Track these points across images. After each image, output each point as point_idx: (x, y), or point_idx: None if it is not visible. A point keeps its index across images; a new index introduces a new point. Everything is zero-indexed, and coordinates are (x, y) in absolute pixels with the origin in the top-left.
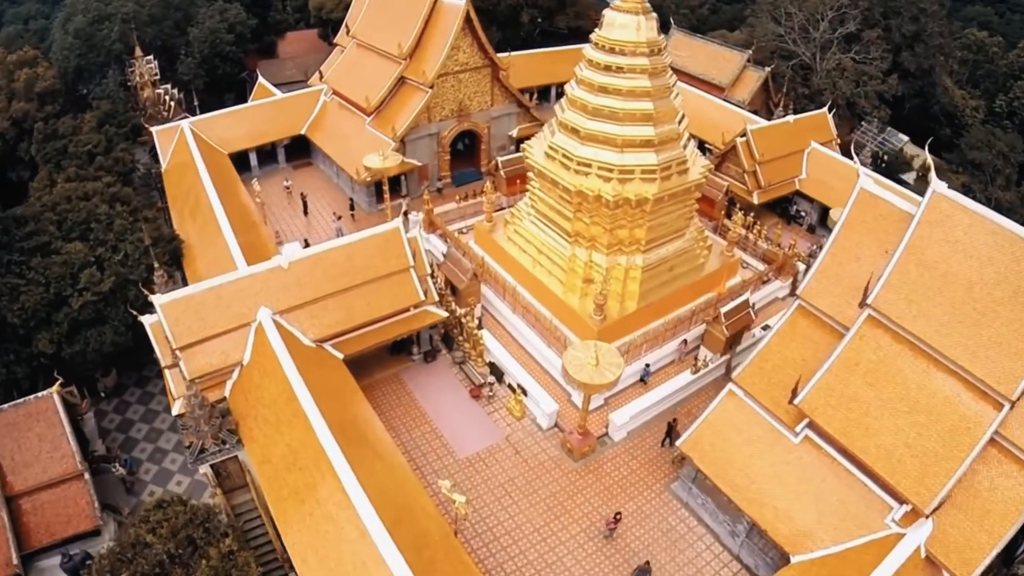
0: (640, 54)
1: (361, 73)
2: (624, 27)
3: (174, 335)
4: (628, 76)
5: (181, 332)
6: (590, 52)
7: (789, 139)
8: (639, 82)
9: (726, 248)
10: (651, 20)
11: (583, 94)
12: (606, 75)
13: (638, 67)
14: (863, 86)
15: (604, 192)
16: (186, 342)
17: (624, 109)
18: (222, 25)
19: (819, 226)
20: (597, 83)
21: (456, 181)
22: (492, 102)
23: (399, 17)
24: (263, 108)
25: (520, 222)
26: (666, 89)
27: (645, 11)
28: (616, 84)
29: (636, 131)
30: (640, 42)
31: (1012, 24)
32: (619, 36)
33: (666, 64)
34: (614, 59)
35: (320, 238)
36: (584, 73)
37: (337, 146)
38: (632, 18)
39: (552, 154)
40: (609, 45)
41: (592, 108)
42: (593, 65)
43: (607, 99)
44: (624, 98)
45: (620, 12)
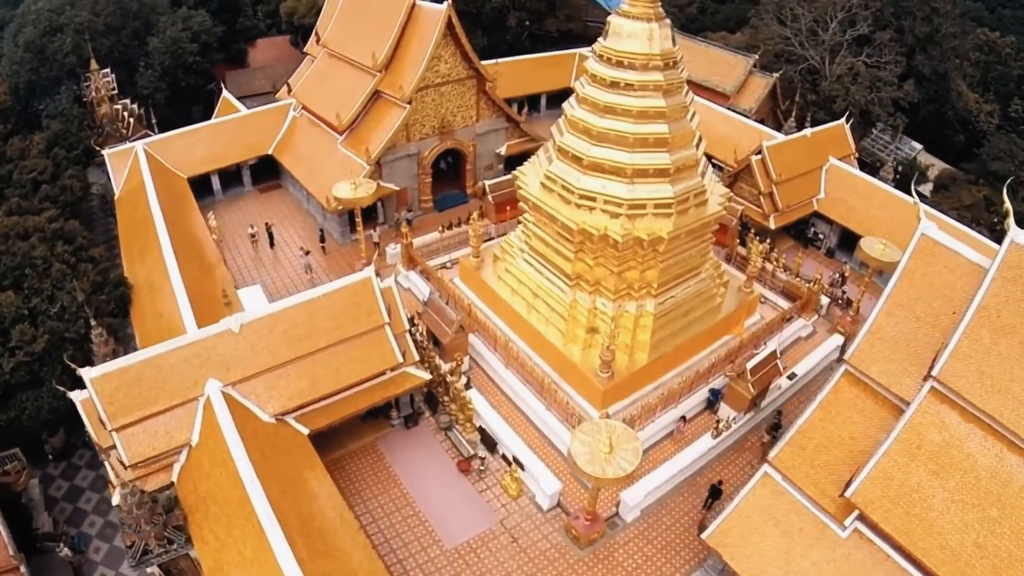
0: (653, 68)
1: (332, 86)
2: (634, 37)
3: (109, 414)
4: (639, 94)
5: (117, 411)
6: (594, 66)
7: (806, 155)
8: (652, 101)
9: (744, 284)
10: (665, 27)
11: (585, 115)
12: (613, 93)
13: (651, 84)
14: (877, 92)
15: (612, 231)
16: (123, 422)
17: (635, 133)
18: (185, 34)
19: (838, 249)
20: (602, 103)
21: (439, 205)
22: (478, 117)
23: (373, 24)
24: (226, 126)
25: (512, 259)
26: (683, 109)
27: (658, 17)
28: (625, 104)
29: (649, 158)
30: (653, 54)
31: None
32: (628, 47)
33: (683, 80)
34: (622, 74)
35: (287, 274)
36: (587, 91)
37: (306, 169)
38: (643, 26)
39: (549, 185)
40: (616, 58)
41: (597, 132)
42: (597, 81)
43: (614, 121)
44: (635, 120)
45: (628, 19)
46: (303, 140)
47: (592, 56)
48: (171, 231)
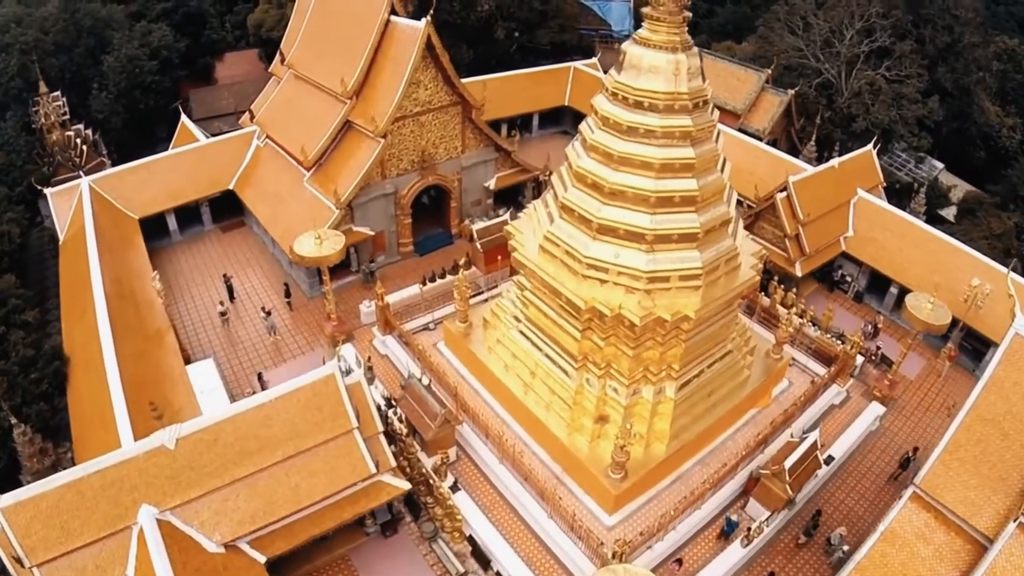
0: (680, 110)
1: (298, 114)
2: (655, 71)
3: (26, 549)
4: (662, 143)
5: (35, 544)
6: (605, 106)
7: (834, 188)
8: (678, 151)
9: (772, 349)
10: (693, 58)
11: (595, 166)
12: (630, 141)
13: (677, 130)
14: (900, 110)
15: (628, 311)
16: (44, 558)
17: (657, 191)
18: (142, 51)
19: (867, 293)
20: (617, 153)
21: (420, 248)
22: (463, 148)
23: (342, 44)
24: (183, 158)
25: (505, 328)
26: (713, 158)
27: (685, 45)
28: (645, 154)
29: (673, 221)
30: (679, 93)
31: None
32: (649, 85)
33: (714, 122)
34: (642, 118)
35: (249, 336)
36: (597, 137)
37: (269, 209)
38: (667, 57)
39: (550, 249)
40: (634, 97)
41: (609, 188)
42: (610, 126)
43: (632, 175)
44: (657, 174)
45: (649, 48)
46: (267, 174)
47: (603, 93)
48: (110, 292)
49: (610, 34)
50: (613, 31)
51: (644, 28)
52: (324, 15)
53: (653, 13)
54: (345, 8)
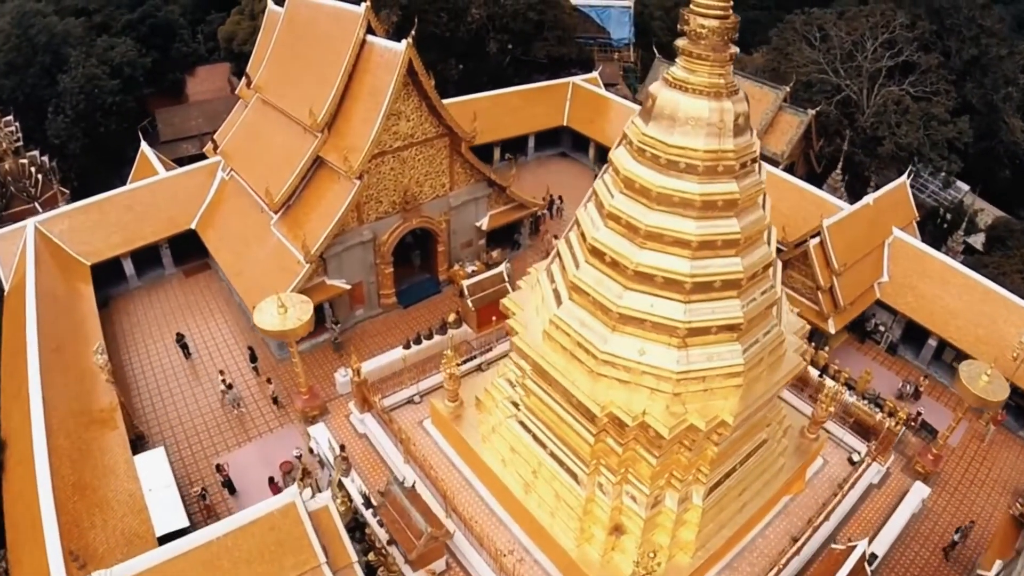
0: (724, 173)
1: (264, 147)
2: (695, 123)
3: None
4: (702, 214)
5: None
6: (628, 165)
7: (869, 229)
8: (721, 225)
9: (808, 429)
10: (740, 103)
11: (616, 241)
12: (661, 211)
13: (720, 198)
14: (928, 131)
15: (654, 419)
16: None
17: (694, 275)
18: (102, 69)
19: (902, 344)
20: (644, 226)
21: (405, 298)
22: (451, 185)
23: (311, 67)
24: (140, 195)
25: (502, 414)
26: (760, 229)
27: (730, 89)
28: (680, 230)
29: (712, 311)
30: (724, 151)
31: None
32: (686, 141)
33: (762, 184)
34: (677, 183)
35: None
36: (618, 203)
37: (234, 256)
38: (709, 105)
39: (558, 338)
40: (667, 156)
41: (634, 271)
42: (635, 191)
43: (662, 255)
44: (694, 253)
45: (686, 93)
46: (231, 214)
47: (625, 147)
48: (49, 363)
49: (609, 42)
50: (612, 39)
51: (679, 67)
52: (292, 33)
53: (691, 48)
54: (315, 27)
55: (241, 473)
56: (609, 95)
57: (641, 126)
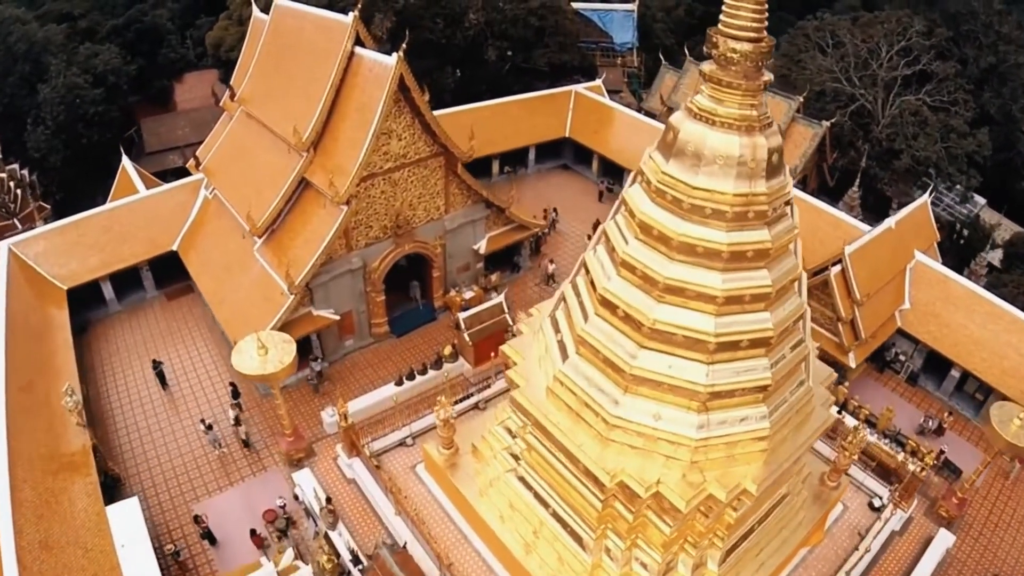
0: (756, 219)
1: (248, 165)
2: (723, 162)
3: None
4: (730, 266)
5: None
6: (645, 208)
7: (891, 254)
8: (750, 279)
9: (829, 476)
10: (774, 137)
11: (631, 293)
12: (683, 264)
13: (750, 248)
14: (947, 142)
15: (670, 491)
16: None
17: (720, 335)
18: (84, 78)
19: (923, 374)
20: (663, 278)
21: (397, 327)
22: (447, 207)
23: (296, 80)
24: (119, 214)
25: (500, 467)
26: (792, 279)
27: (763, 122)
28: (704, 284)
29: (737, 372)
30: (756, 195)
31: None
32: (713, 183)
33: (795, 230)
34: (701, 231)
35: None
36: (633, 251)
37: (216, 282)
38: (739, 141)
39: (563, 396)
40: (690, 200)
41: (650, 328)
42: (654, 238)
43: (683, 310)
44: (719, 309)
45: (714, 126)
46: (214, 237)
47: (642, 186)
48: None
49: (612, 47)
50: (615, 44)
51: (705, 95)
52: (277, 43)
53: (719, 75)
54: (301, 37)
55: (222, 521)
56: (613, 104)
57: (660, 163)
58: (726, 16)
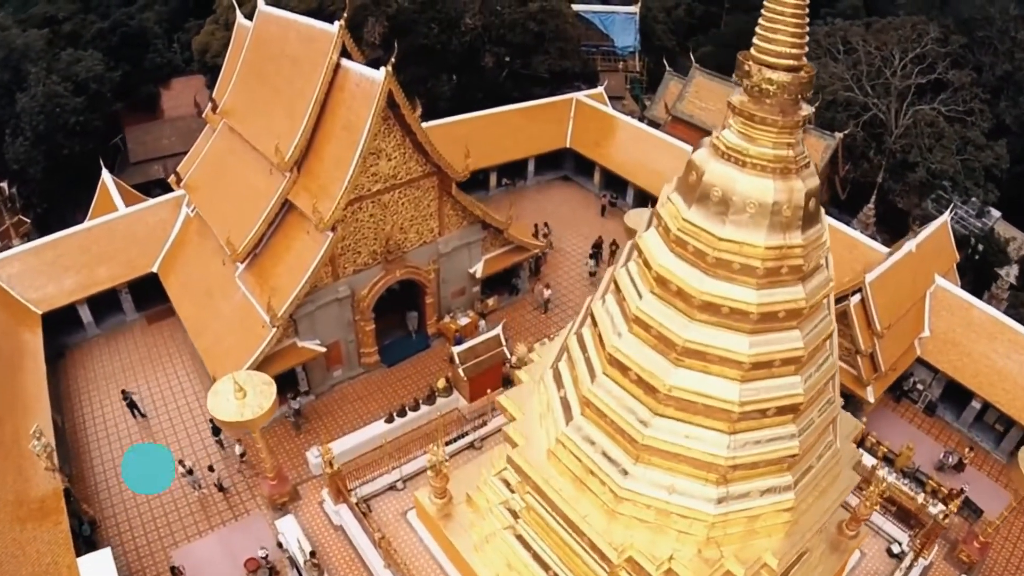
0: (790, 275)
1: (229, 184)
2: (757, 212)
3: None
4: (759, 328)
5: None
6: (663, 260)
7: (911, 279)
8: (781, 341)
9: (848, 524)
10: (811, 179)
11: (645, 355)
12: (705, 323)
13: (782, 308)
14: (963, 155)
15: (684, 568)
16: None
17: (744, 404)
18: (64, 86)
19: (941, 404)
20: (682, 341)
21: (388, 356)
22: (440, 229)
23: (279, 95)
24: (97, 234)
25: (497, 522)
26: (826, 336)
27: (799, 164)
28: (730, 349)
29: (761, 441)
30: (791, 247)
31: None
32: (743, 235)
33: (831, 282)
34: (727, 290)
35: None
36: (648, 307)
37: (196, 308)
38: (774, 187)
39: (567, 462)
40: (716, 252)
41: (665, 393)
42: (672, 294)
43: (705, 375)
44: (745, 374)
45: (744, 168)
46: (195, 259)
47: (659, 232)
48: None
49: (613, 51)
50: (616, 48)
51: (735, 131)
52: (261, 53)
53: (751, 109)
54: (284, 47)
55: (201, 570)
56: (616, 114)
57: (681, 208)
58: (760, 40)
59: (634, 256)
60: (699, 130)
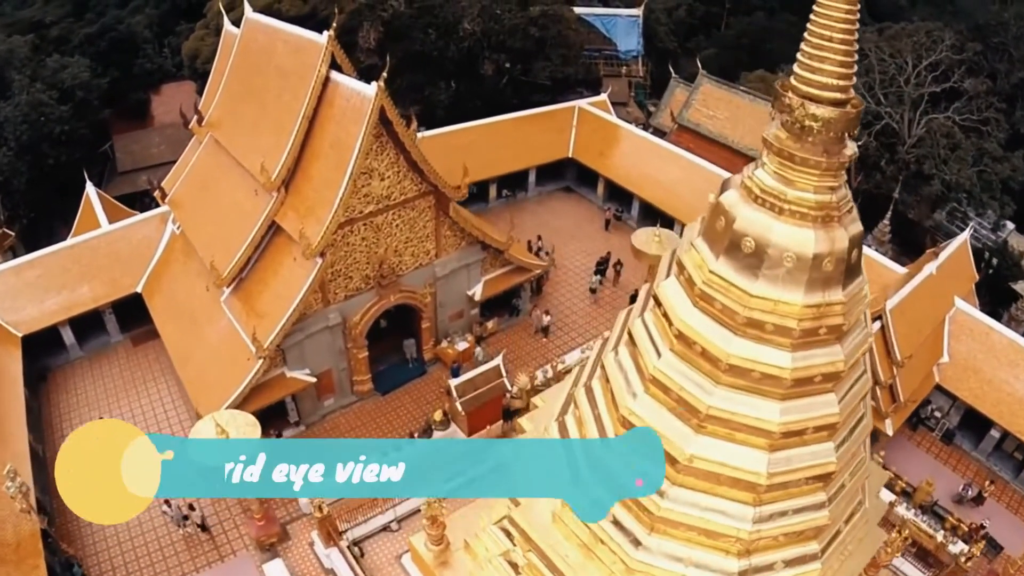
0: (829, 335)
1: (215, 201)
2: (795, 268)
3: None
4: (792, 393)
5: None
6: (684, 315)
7: (931, 304)
8: (815, 407)
9: (866, 570)
10: (854, 225)
11: (663, 420)
12: (731, 389)
13: (819, 373)
14: (979, 166)
15: None
16: None
17: (772, 476)
18: (49, 94)
19: (959, 432)
20: (705, 408)
21: (382, 384)
22: (437, 251)
23: (266, 109)
24: (80, 252)
25: (497, 574)
26: (863, 396)
27: (843, 210)
28: (760, 419)
29: (787, 513)
30: (831, 305)
31: None
32: (776, 294)
33: (871, 339)
34: (759, 353)
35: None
36: (666, 367)
37: (180, 334)
38: (815, 237)
39: (574, 529)
40: (746, 311)
41: (685, 464)
42: (695, 354)
43: (730, 443)
44: (774, 443)
45: (780, 216)
46: (180, 280)
47: (682, 284)
48: None
49: (615, 55)
50: (619, 51)
51: (770, 173)
52: (247, 63)
53: (792, 148)
54: (271, 58)
55: None
56: (620, 122)
57: (708, 258)
58: (803, 69)
59: (652, 306)
60: (706, 139)
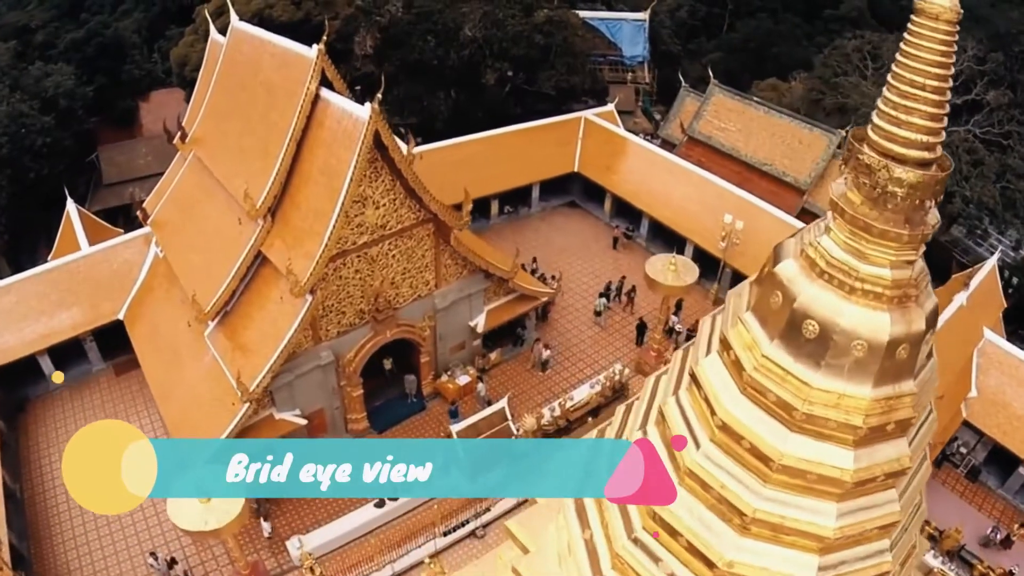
0: (897, 431)
1: (198, 227)
2: (866, 359)
3: None
4: (851, 495)
5: None
6: (730, 406)
7: (960, 337)
8: (874, 509)
9: None
10: (930, 300)
11: (698, 520)
12: (782, 491)
13: (882, 471)
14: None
15: None
16: None
17: None
18: (30, 104)
19: (985, 469)
20: (751, 511)
21: (379, 421)
22: (437, 281)
23: (252, 128)
24: (58, 277)
25: None
26: (920, 487)
27: (918, 288)
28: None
29: None
30: (902, 398)
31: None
32: (841, 387)
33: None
34: (817, 453)
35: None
36: (706, 462)
37: (163, 367)
38: (890, 320)
39: None
40: (806, 405)
41: (724, 570)
42: (742, 449)
43: (777, 547)
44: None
45: (850, 296)
46: (164, 307)
47: (727, 366)
48: None
49: (621, 61)
50: (624, 57)
51: (840, 244)
52: (233, 76)
53: (869, 217)
54: (258, 72)
55: None
56: (628, 135)
57: (760, 340)
58: (886, 121)
59: (689, 384)
60: (718, 153)
